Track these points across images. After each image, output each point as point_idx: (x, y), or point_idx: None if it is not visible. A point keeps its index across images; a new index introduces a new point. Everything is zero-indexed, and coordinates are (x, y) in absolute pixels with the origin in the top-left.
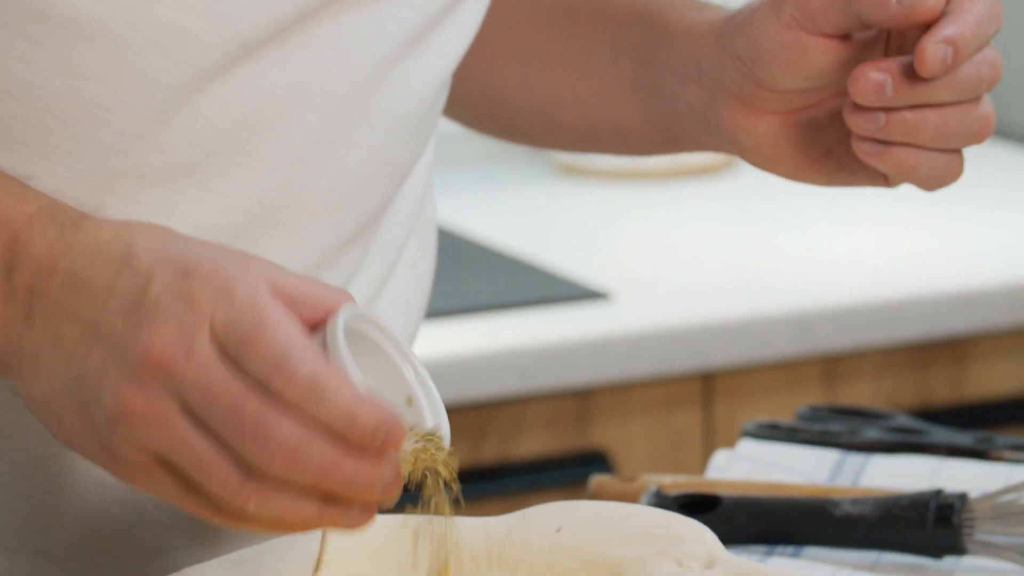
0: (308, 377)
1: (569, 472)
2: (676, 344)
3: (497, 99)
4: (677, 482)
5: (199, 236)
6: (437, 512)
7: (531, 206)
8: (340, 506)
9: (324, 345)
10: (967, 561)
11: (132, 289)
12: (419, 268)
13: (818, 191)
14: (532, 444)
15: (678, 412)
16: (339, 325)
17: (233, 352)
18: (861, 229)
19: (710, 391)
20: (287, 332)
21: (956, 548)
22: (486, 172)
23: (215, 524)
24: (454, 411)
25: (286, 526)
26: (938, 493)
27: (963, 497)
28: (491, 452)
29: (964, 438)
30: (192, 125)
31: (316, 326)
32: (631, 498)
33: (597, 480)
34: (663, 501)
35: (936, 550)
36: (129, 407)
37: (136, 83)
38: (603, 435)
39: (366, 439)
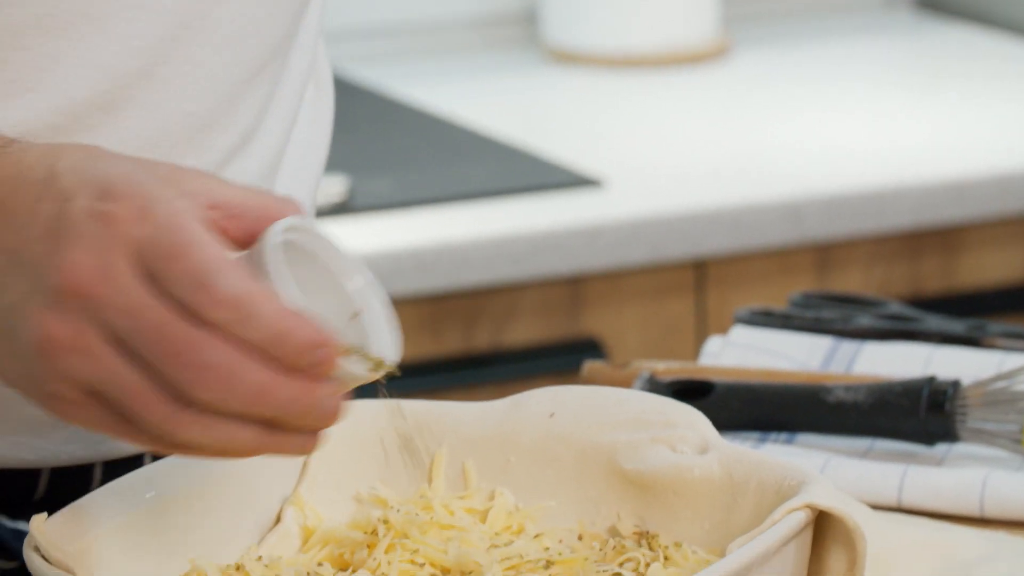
0: (232, 296)
1: (561, 359)
2: (669, 231)
3: None
4: (670, 368)
5: (109, 80)
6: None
7: (524, 94)
8: (282, 433)
9: (257, 260)
10: (959, 448)
11: (52, 213)
12: (318, 127)
13: (811, 79)
14: (524, 331)
15: (671, 300)
16: (271, 238)
17: (156, 273)
18: (854, 117)
19: (703, 279)
20: (209, 251)
21: (948, 435)
22: (478, 60)
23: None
24: (447, 299)
25: (231, 452)
26: (931, 380)
27: (956, 384)
28: (483, 339)
29: (957, 326)
30: None
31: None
32: (624, 384)
33: (590, 366)
34: (656, 387)
35: (928, 437)
36: (52, 337)
37: None
38: (595, 322)
39: (297, 358)
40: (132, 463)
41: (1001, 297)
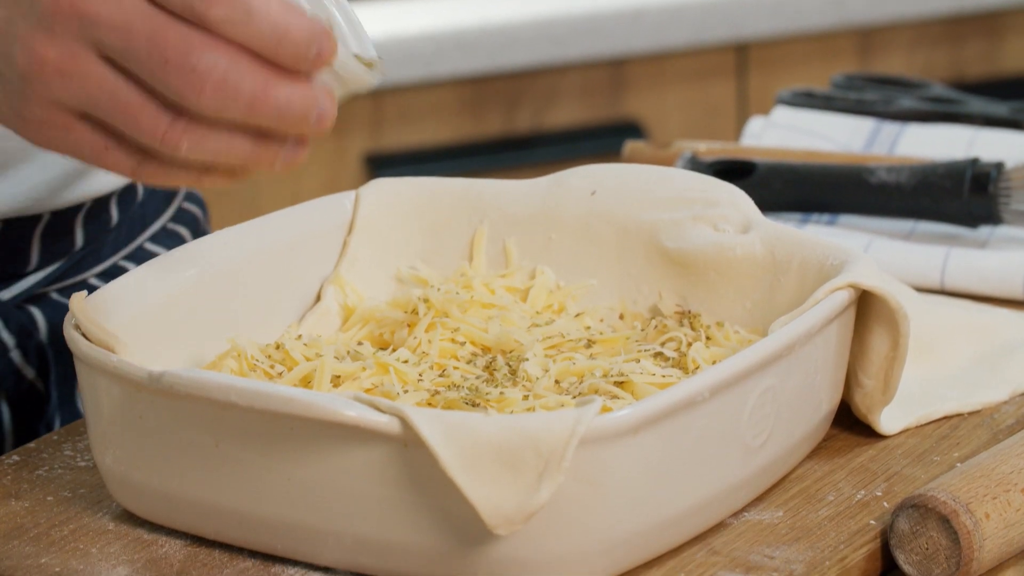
0: None
1: (603, 141)
2: (710, 14)
3: None
4: (712, 149)
5: None
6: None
7: None
8: (273, 142)
9: None
10: (1002, 231)
11: None
12: None
13: None
14: (566, 113)
15: (712, 82)
16: None
17: None
18: None
19: (744, 61)
20: None
21: (992, 217)
22: None
23: (140, 182)
24: (488, 80)
25: (218, 172)
26: (974, 162)
27: (999, 166)
28: (525, 121)
29: (1000, 108)
30: None
31: None
32: (665, 164)
33: (631, 146)
34: (698, 167)
35: (972, 219)
36: (42, 59)
37: None
38: (637, 104)
39: (299, 54)
40: (71, 214)
41: None
